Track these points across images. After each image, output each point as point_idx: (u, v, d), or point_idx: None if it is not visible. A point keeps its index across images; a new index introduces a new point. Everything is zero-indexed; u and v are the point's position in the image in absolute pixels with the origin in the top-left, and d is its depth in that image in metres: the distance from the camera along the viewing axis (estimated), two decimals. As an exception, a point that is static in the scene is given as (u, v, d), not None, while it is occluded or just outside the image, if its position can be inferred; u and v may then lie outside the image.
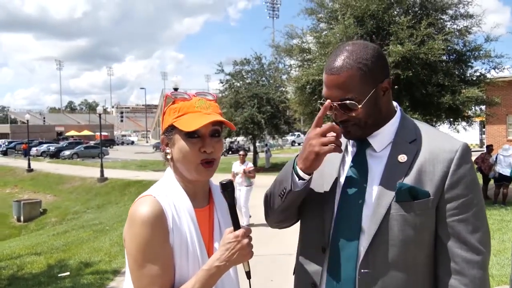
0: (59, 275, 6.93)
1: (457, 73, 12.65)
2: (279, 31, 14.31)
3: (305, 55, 13.79)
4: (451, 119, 13.33)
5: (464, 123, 13.88)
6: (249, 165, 10.35)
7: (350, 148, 1.52)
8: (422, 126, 1.49)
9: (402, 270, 1.36)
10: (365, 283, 1.36)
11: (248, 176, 10.07)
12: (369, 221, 1.37)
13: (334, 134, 1.36)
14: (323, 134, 1.36)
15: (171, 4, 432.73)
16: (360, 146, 1.48)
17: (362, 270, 1.36)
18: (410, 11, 12.41)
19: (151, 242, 1.32)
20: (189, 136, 1.40)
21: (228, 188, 1.38)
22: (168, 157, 1.48)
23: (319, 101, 1.45)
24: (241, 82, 25.19)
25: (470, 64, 13.13)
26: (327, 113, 1.41)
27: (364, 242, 1.37)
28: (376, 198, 1.38)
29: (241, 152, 10.72)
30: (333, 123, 1.41)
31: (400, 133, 1.44)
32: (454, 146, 1.39)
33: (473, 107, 13.40)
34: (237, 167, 10.28)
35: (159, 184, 1.49)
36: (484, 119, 17.65)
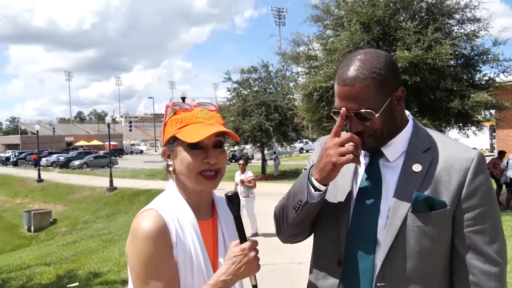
0: (68, 285, 6.93)
1: (465, 77, 12.56)
2: (285, 38, 14.41)
3: (311, 62, 13.79)
4: (461, 124, 13.22)
5: (473, 128, 13.73)
6: (248, 174, 9.77)
7: (362, 159, 1.48)
8: (435, 134, 1.46)
9: (419, 282, 1.33)
10: None
11: (247, 186, 9.55)
12: (385, 233, 1.34)
13: (353, 144, 1.32)
14: (342, 144, 1.32)
15: (178, 14, 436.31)
16: (373, 157, 1.44)
17: (378, 284, 1.33)
18: (416, 16, 12.38)
19: (154, 257, 1.29)
20: (192, 147, 1.38)
21: (233, 200, 1.36)
22: (171, 169, 1.46)
23: (332, 110, 1.41)
24: (248, 90, 25.23)
25: (478, 68, 13.03)
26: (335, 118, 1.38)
27: (380, 255, 1.34)
28: (392, 209, 1.34)
29: (241, 162, 10.04)
30: (351, 133, 1.37)
31: (414, 142, 1.41)
32: (470, 155, 1.36)
33: (482, 112, 13.28)
34: (237, 176, 9.79)
35: (161, 197, 1.47)
36: (494, 123, 17.49)
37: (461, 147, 1.41)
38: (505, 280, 1.36)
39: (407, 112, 1.49)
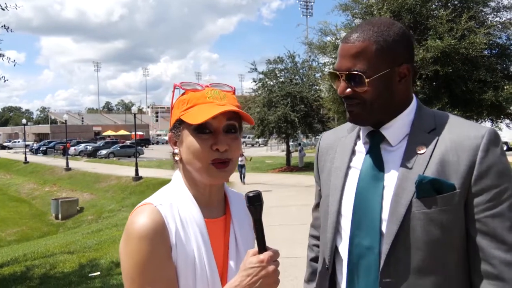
0: (90, 274, 6.94)
1: (499, 68, 12.12)
2: (312, 28, 14.08)
3: (338, 52, 13.49)
4: (493, 117, 12.74)
5: (507, 121, 13.24)
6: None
7: (360, 147, 1.38)
8: (442, 114, 1.33)
9: (429, 277, 1.19)
10: None
11: None
12: (388, 223, 1.22)
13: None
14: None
15: (205, 5, 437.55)
16: (373, 141, 1.33)
17: (384, 280, 1.21)
18: (449, 4, 11.95)
19: (150, 260, 1.12)
20: (199, 131, 1.18)
21: (255, 203, 1.15)
22: (177, 158, 1.27)
23: (327, 71, 1.27)
24: (274, 81, 25.01)
25: (514, 58, 12.51)
26: (335, 87, 1.32)
27: (384, 247, 1.22)
28: (395, 195, 1.22)
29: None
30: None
31: (417, 124, 1.30)
32: (480, 132, 1.22)
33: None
34: None
35: (164, 189, 1.28)
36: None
37: (469, 125, 1.28)
38: None
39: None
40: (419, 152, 1.24)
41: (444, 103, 10.84)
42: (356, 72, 1.24)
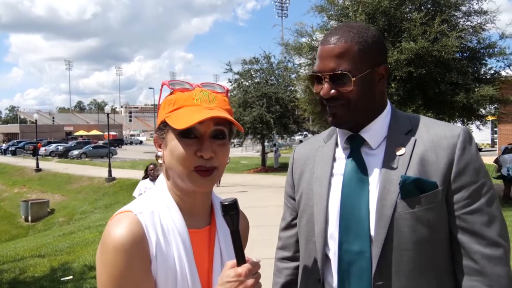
0: (62, 279, 6.76)
1: (471, 71, 12.35)
2: (288, 29, 14.09)
3: (315, 53, 13.53)
4: (465, 118, 13.02)
5: (477, 122, 13.56)
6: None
7: (340, 154, 1.37)
8: (416, 116, 1.37)
9: (421, 276, 1.20)
10: None
11: None
12: (377, 226, 1.22)
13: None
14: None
15: (180, 5, 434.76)
16: (353, 145, 1.34)
17: (376, 283, 1.21)
18: (422, 7, 12.14)
19: (126, 274, 1.04)
20: (184, 135, 1.11)
21: (231, 212, 1.06)
22: (160, 161, 1.20)
23: (305, 73, 1.27)
24: (249, 82, 24.98)
25: (484, 61, 12.83)
26: (314, 90, 1.31)
27: (375, 251, 1.22)
28: (380, 198, 1.23)
29: (151, 166, 7.89)
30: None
31: (394, 126, 1.33)
32: (456, 131, 1.27)
33: (487, 106, 13.08)
34: (141, 187, 7.74)
35: (146, 196, 1.21)
36: (496, 118, 17.29)
37: (444, 125, 1.32)
38: (509, 264, 1.20)
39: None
40: (398, 153, 1.26)
41: (418, 105, 11.02)
42: (341, 72, 1.24)
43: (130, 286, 1.05)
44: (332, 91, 1.26)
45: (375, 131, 1.32)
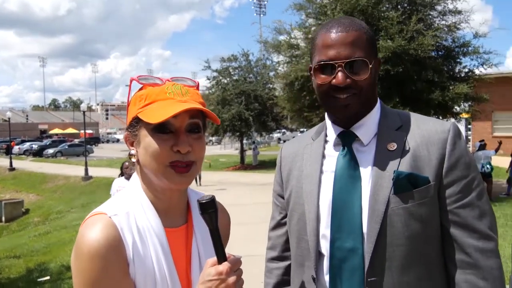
0: (39, 279, 6.64)
1: (446, 69, 12.60)
2: (267, 26, 14.12)
3: (293, 51, 13.59)
4: (440, 116, 13.27)
5: (452, 120, 13.83)
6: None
7: (330, 151, 1.36)
8: (405, 113, 1.38)
9: (414, 270, 1.21)
10: None
11: None
12: (369, 222, 1.22)
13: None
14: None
15: (157, 2, 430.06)
16: (345, 142, 1.33)
17: (369, 279, 1.21)
18: (399, 6, 12.30)
19: (103, 279, 1.01)
20: (158, 130, 1.08)
21: (209, 210, 1.04)
22: (133, 159, 1.15)
23: (317, 64, 1.26)
24: (228, 79, 24.95)
25: (459, 60, 13.11)
26: (320, 81, 1.26)
27: (368, 247, 1.21)
28: (372, 194, 1.23)
29: (127, 163, 7.12)
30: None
31: (383, 122, 1.33)
32: (445, 126, 1.28)
33: (462, 104, 13.36)
34: (116, 184, 6.98)
35: (119, 196, 1.16)
36: (470, 115, 17.70)
37: (434, 121, 1.33)
38: (499, 256, 1.24)
39: None
40: (390, 149, 1.26)
41: (395, 102, 11.17)
42: (360, 59, 1.23)
43: None
44: (348, 79, 1.23)
45: (367, 127, 1.32)
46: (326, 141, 1.40)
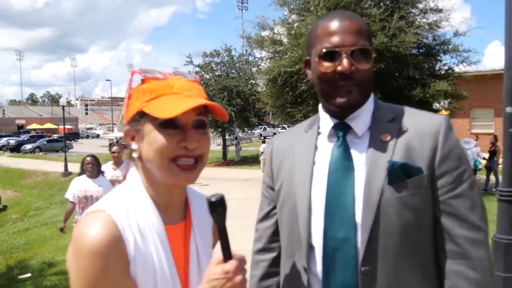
0: (20, 277, 6.53)
1: (426, 66, 12.77)
2: (250, 21, 14.06)
3: (276, 46, 13.60)
4: (421, 112, 13.46)
5: (437, 115, 14.04)
6: (116, 173, 6.23)
7: (322, 143, 1.38)
8: (398, 106, 1.41)
9: (406, 259, 1.24)
10: (368, 283, 1.23)
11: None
12: (364, 212, 1.24)
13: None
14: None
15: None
16: (339, 133, 1.35)
17: (363, 268, 1.23)
18: (381, 3, 12.40)
19: (104, 278, 0.99)
20: (166, 126, 1.06)
21: (218, 208, 1.05)
22: (135, 155, 1.13)
23: (322, 52, 1.27)
24: (210, 74, 24.84)
25: (439, 58, 13.29)
26: (323, 69, 1.27)
27: (362, 237, 1.24)
28: (366, 184, 1.25)
29: (114, 148, 6.47)
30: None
31: (377, 115, 1.36)
32: (438, 119, 1.31)
33: (442, 101, 13.57)
34: (110, 170, 6.40)
35: (118, 192, 1.13)
36: (449, 112, 18.02)
37: (426, 114, 1.36)
38: (489, 246, 1.28)
39: None
40: (384, 140, 1.29)
41: (377, 98, 11.29)
42: (365, 47, 1.26)
43: None
44: (353, 67, 1.25)
45: (361, 119, 1.34)
46: (319, 133, 1.42)
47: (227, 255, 1.05)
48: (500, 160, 11.15)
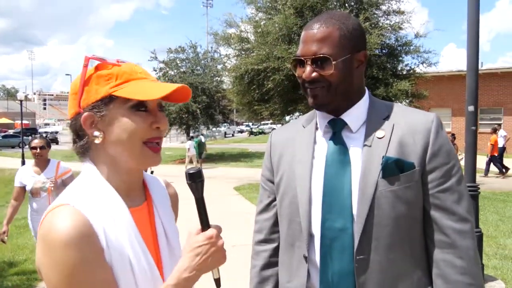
0: (-22, 277, 6.26)
1: (389, 66, 13.15)
2: (217, 18, 14.07)
3: (243, 44, 13.63)
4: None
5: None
6: (60, 170, 5.16)
7: (320, 138, 1.46)
8: (391, 104, 1.48)
9: (399, 248, 1.32)
10: (363, 270, 1.31)
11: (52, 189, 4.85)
12: (359, 204, 1.32)
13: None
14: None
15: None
16: (334, 128, 1.42)
17: (358, 257, 1.31)
18: (347, 4, 12.66)
19: (81, 269, 0.98)
20: (137, 109, 1.08)
21: (197, 179, 1.11)
22: (97, 141, 1.10)
23: (293, 58, 1.40)
24: (175, 71, 24.59)
25: (401, 58, 13.71)
26: (296, 74, 1.40)
27: (357, 227, 1.31)
28: (362, 177, 1.33)
29: (36, 142, 5.00)
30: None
31: (372, 111, 1.42)
32: (429, 117, 1.38)
33: (404, 100, 13.99)
34: (30, 175, 4.95)
35: (76, 185, 1.12)
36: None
37: (418, 111, 1.43)
38: (475, 236, 1.36)
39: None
40: (378, 136, 1.36)
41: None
42: (323, 56, 1.32)
43: (87, 281, 0.99)
44: (314, 73, 1.34)
45: (356, 115, 1.41)
46: (316, 128, 1.48)
47: (206, 224, 1.11)
48: (459, 157, 11.61)
